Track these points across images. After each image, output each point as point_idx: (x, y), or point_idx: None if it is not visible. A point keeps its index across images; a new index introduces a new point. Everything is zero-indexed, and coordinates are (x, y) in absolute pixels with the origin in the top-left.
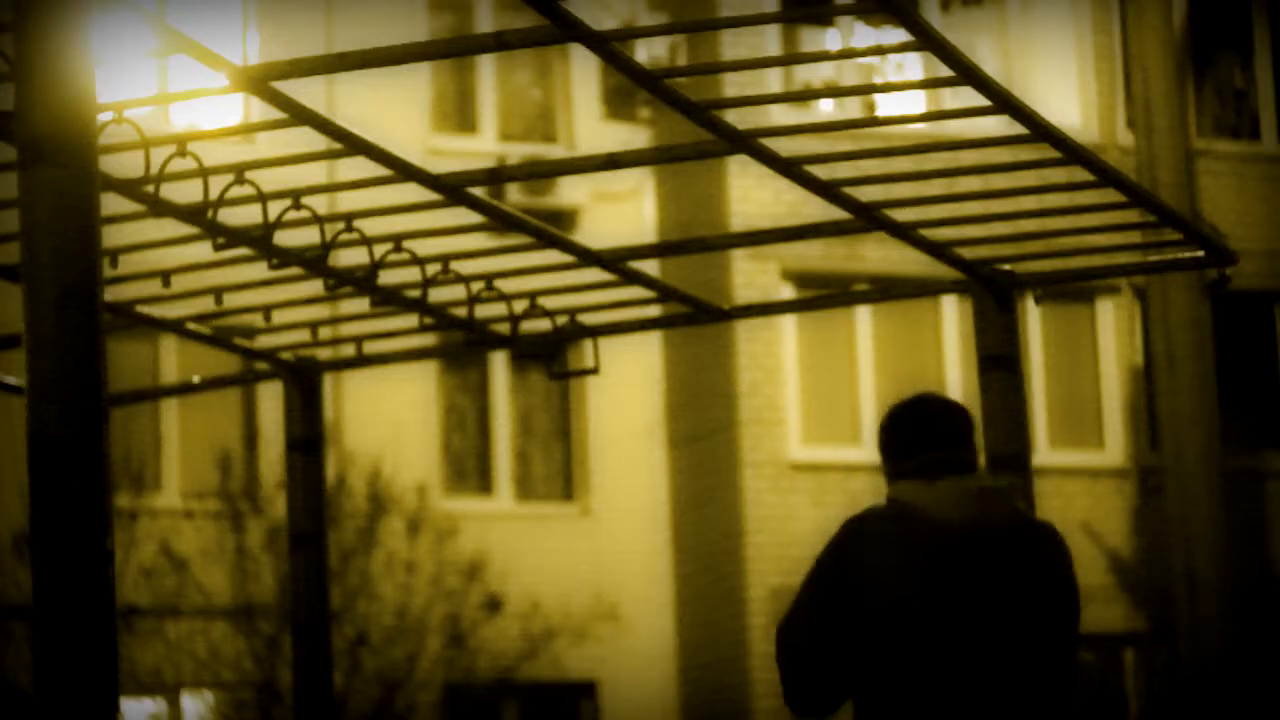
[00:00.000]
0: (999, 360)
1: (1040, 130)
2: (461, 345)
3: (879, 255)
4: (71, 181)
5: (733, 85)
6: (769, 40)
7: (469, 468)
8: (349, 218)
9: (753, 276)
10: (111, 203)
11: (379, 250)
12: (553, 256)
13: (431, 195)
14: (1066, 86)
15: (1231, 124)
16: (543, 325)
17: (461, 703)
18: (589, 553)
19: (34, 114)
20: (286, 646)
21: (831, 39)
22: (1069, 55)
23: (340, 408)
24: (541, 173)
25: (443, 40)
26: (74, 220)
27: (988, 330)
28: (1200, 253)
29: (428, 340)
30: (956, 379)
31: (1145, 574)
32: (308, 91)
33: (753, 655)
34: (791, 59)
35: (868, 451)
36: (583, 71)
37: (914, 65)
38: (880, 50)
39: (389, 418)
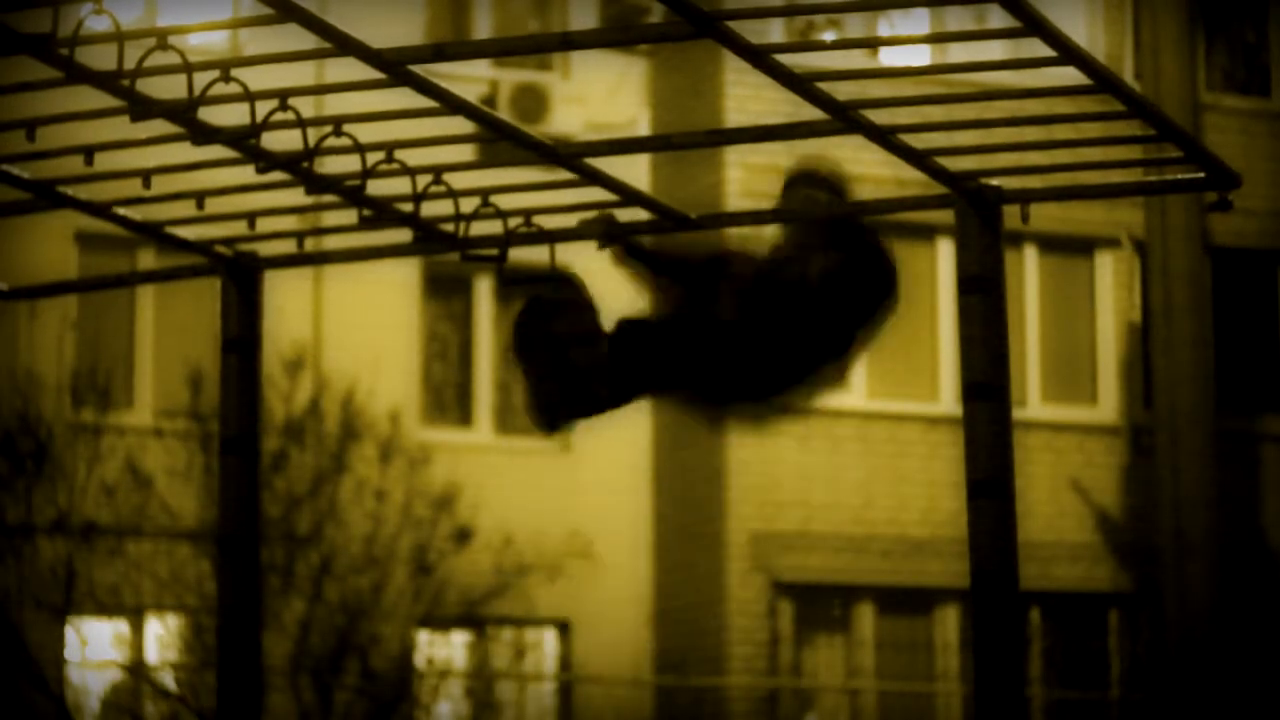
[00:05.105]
0: (980, 281)
1: (1032, 22)
2: (409, 246)
3: (874, 193)
4: None
5: None
6: None
7: (448, 398)
8: (283, 95)
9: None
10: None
11: (314, 135)
12: (509, 154)
13: (373, 74)
14: (1074, 35)
15: (1241, 79)
16: (495, 228)
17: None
18: (567, 489)
19: None
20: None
21: None
22: (1078, 3)
23: (320, 330)
24: (485, 52)
25: None
26: None
27: (969, 248)
28: (1201, 173)
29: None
30: (950, 320)
31: (1133, 534)
32: None
33: (729, 599)
34: None
35: (854, 396)
36: (580, 1)
37: None
38: None
39: (369, 343)
